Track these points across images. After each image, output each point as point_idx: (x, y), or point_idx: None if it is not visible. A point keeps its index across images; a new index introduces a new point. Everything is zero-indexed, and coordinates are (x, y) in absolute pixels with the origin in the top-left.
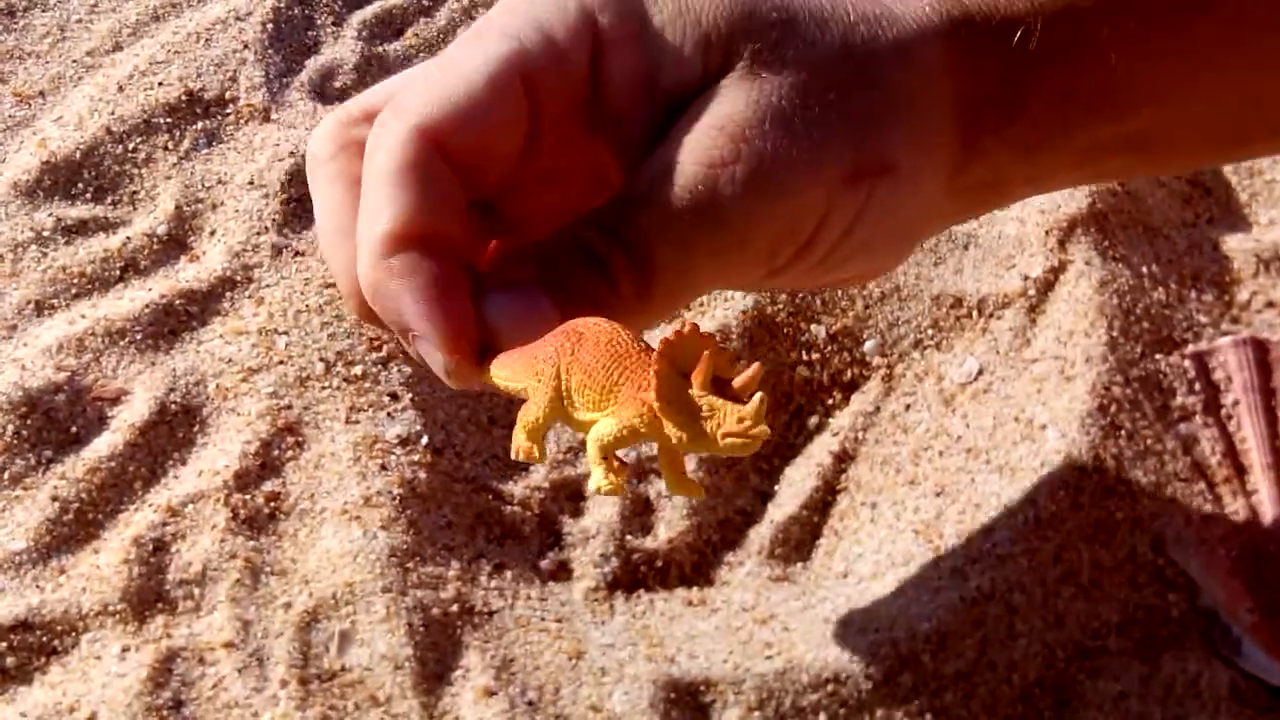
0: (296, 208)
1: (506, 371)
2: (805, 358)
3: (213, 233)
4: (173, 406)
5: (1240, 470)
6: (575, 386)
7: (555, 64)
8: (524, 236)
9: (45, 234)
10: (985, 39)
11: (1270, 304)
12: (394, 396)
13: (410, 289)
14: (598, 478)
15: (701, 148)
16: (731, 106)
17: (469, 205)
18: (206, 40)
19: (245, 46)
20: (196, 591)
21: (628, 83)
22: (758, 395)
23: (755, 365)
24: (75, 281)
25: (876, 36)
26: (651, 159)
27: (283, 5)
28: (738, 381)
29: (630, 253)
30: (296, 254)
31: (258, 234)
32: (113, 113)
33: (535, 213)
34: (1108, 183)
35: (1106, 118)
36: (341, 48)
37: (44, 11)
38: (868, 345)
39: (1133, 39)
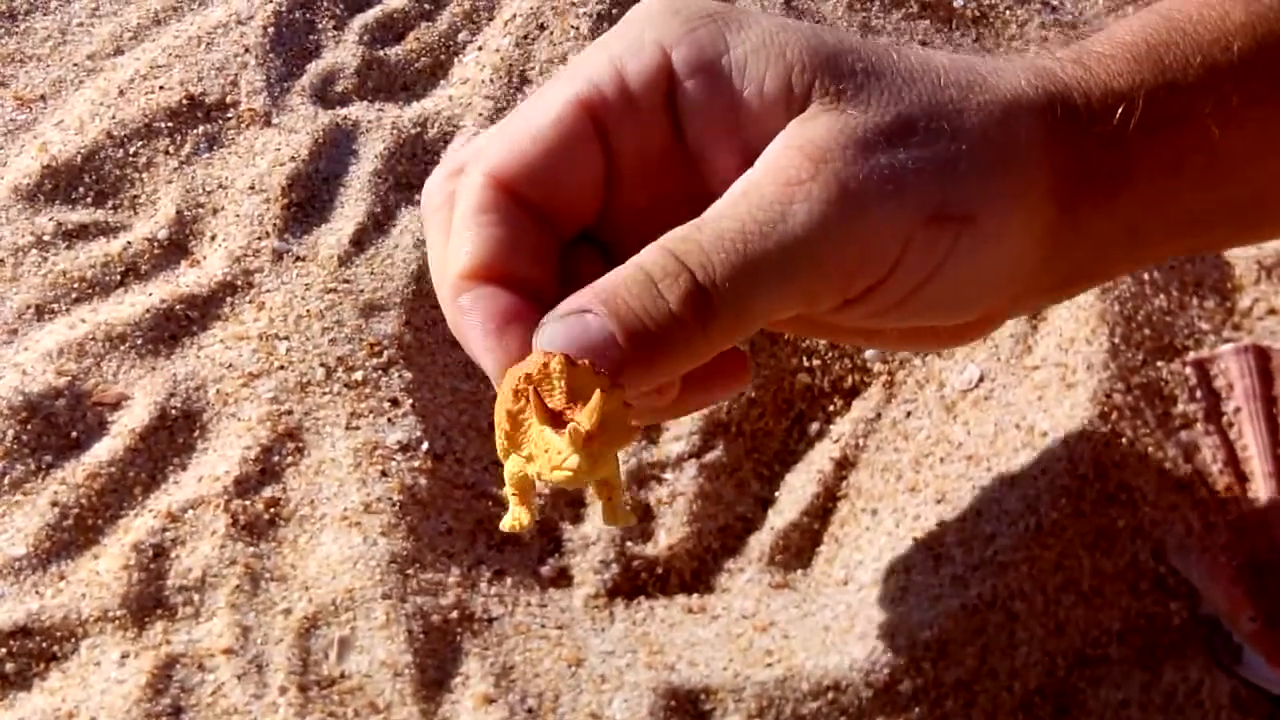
0: (297, 212)
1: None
2: (806, 364)
3: (213, 237)
4: (173, 412)
5: (1242, 478)
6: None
7: (625, 101)
8: None
9: (46, 238)
10: (1083, 117)
11: (1272, 311)
12: (394, 402)
13: (473, 324)
14: (508, 517)
15: (779, 167)
16: (814, 131)
17: (562, 243)
18: (208, 44)
19: (246, 50)
20: (196, 597)
21: (706, 116)
22: (568, 427)
23: (595, 396)
24: (75, 286)
25: (968, 99)
26: (732, 186)
27: (284, 9)
28: (571, 414)
29: (693, 273)
30: (297, 259)
31: (259, 239)
32: (114, 117)
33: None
34: (1206, 254)
35: (1210, 188)
36: (343, 52)
37: (45, 15)
38: (869, 351)
39: (1235, 111)
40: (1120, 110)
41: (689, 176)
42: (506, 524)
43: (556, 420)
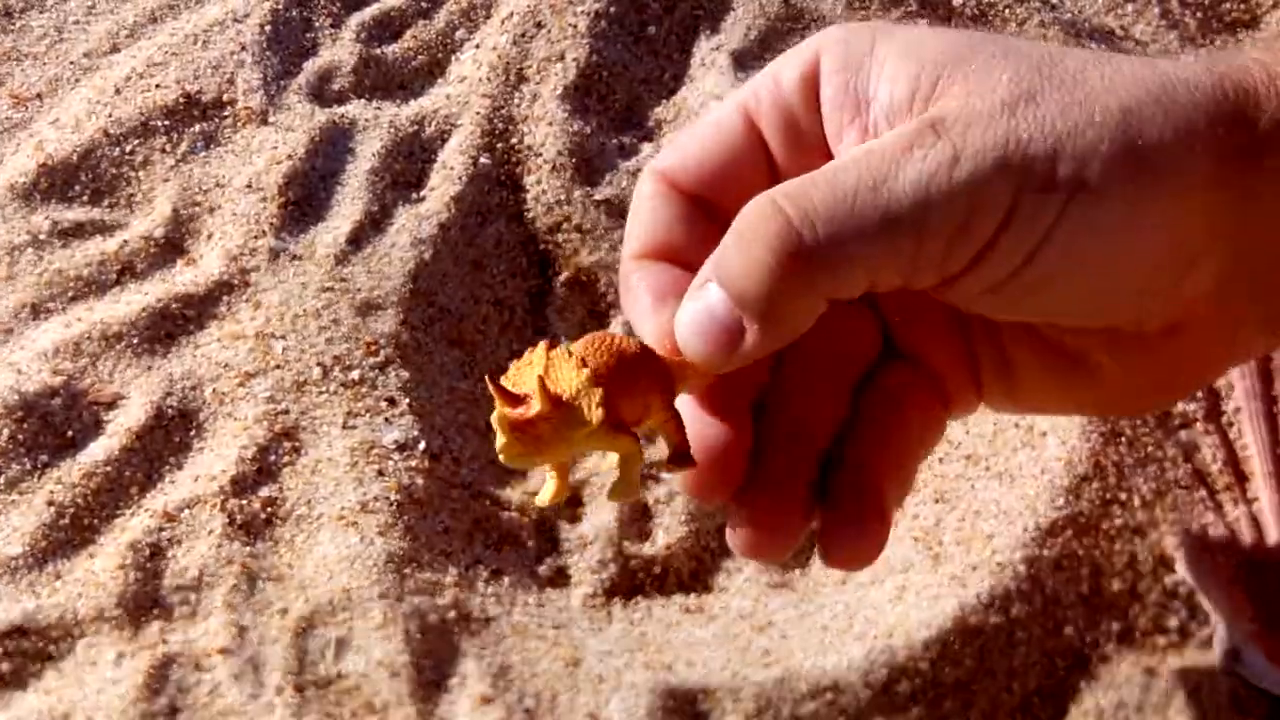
0: (294, 211)
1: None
2: None
3: (210, 236)
4: (169, 411)
5: (1241, 478)
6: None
7: (777, 102)
8: None
9: (41, 237)
10: (1265, 95)
11: None
12: (391, 402)
13: (637, 298)
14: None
15: (899, 134)
16: (937, 109)
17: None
18: (204, 42)
19: (243, 49)
20: (192, 597)
21: (842, 113)
22: (495, 413)
23: (536, 392)
24: (71, 285)
25: (1119, 73)
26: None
27: (280, 7)
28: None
29: (790, 219)
30: (294, 258)
31: (255, 237)
32: (110, 115)
33: None
34: None
35: None
36: (339, 50)
37: (41, 13)
38: None
39: None
40: None
41: None
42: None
43: (518, 401)
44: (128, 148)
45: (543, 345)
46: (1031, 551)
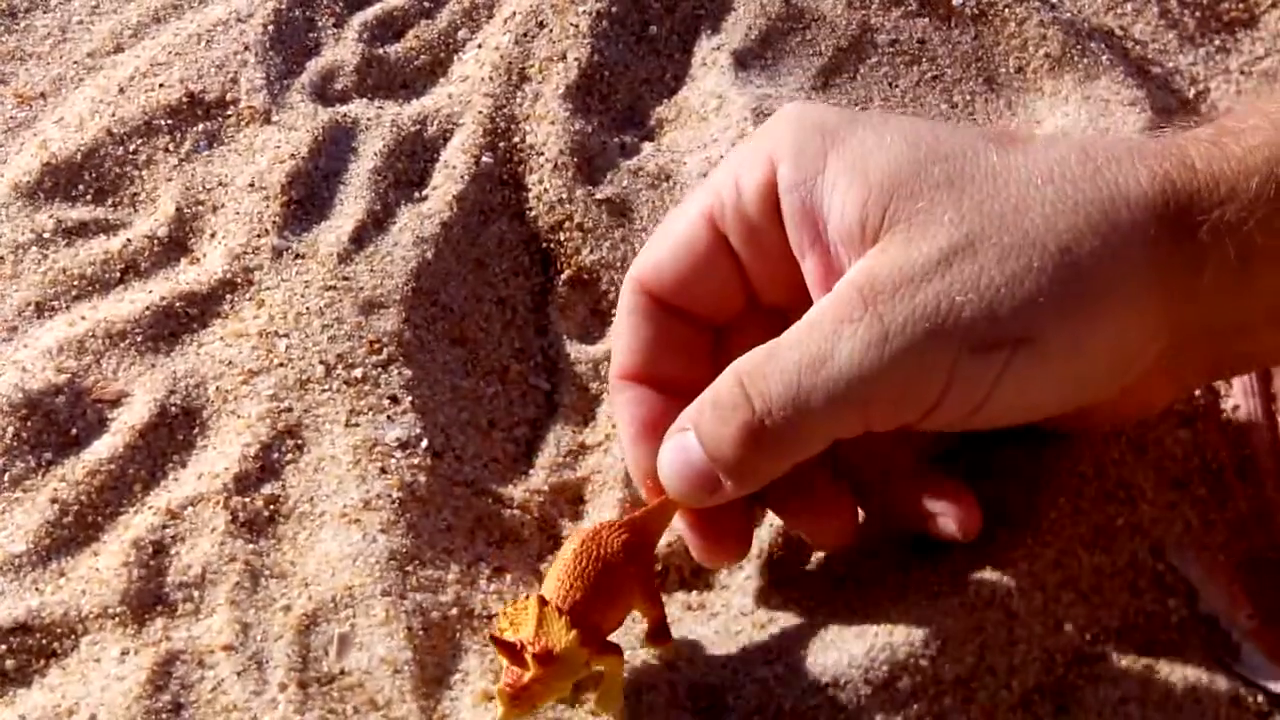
0: (297, 210)
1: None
2: None
3: (213, 235)
4: (173, 409)
5: (1240, 475)
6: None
7: (740, 212)
8: None
9: (46, 235)
10: (1208, 203)
11: None
12: (394, 399)
13: (621, 425)
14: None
15: (838, 303)
16: (876, 268)
17: (716, 333)
18: (207, 42)
19: (246, 48)
20: (196, 594)
21: (801, 230)
22: (499, 685)
23: (530, 668)
24: (76, 283)
25: (1060, 203)
26: (806, 314)
27: (284, 7)
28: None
29: (752, 405)
30: (297, 256)
31: (258, 236)
32: (113, 114)
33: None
34: None
35: None
36: (342, 49)
37: (45, 13)
38: None
39: None
40: (1254, 184)
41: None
42: None
43: (515, 655)
44: (131, 147)
45: (535, 598)
46: (1032, 549)
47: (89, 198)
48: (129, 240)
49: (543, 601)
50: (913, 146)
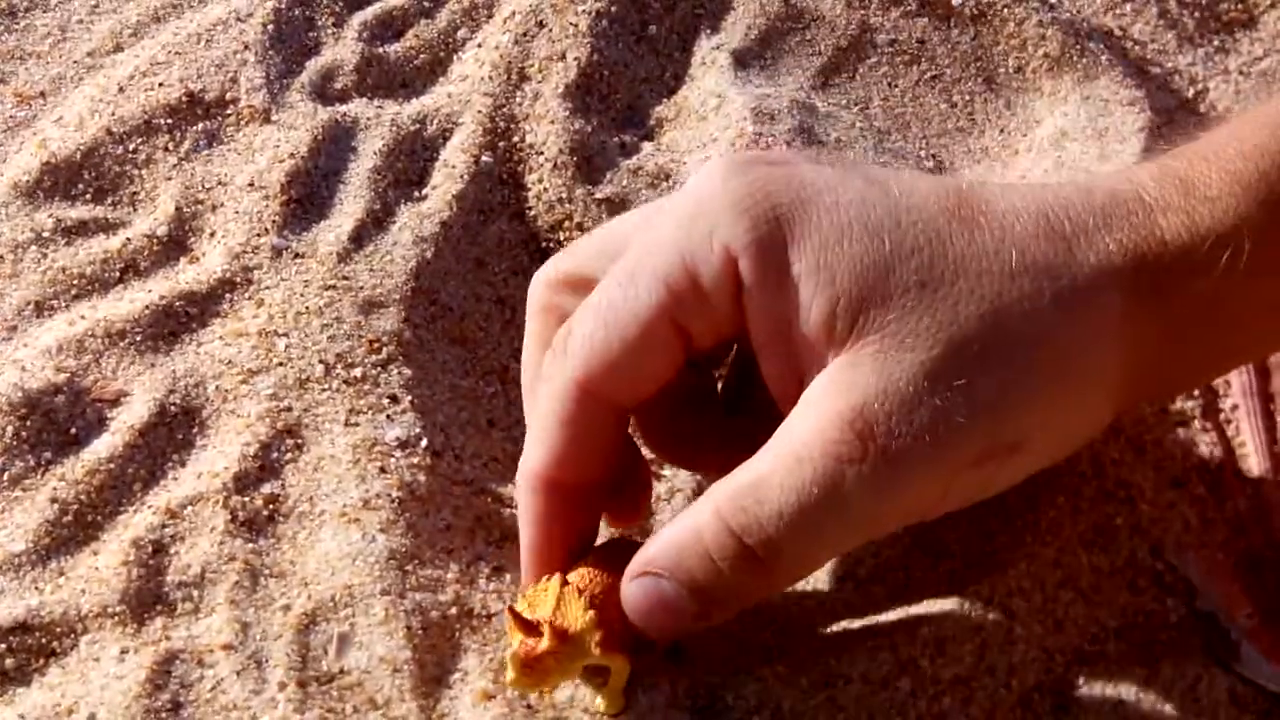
0: (296, 209)
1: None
2: None
3: (213, 234)
4: (172, 408)
5: (1239, 475)
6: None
7: (700, 302)
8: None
9: (45, 235)
10: (1177, 272)
11: None
12: (393, 399)
13: (526, 523)
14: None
15: (829, 440)
16: (860, 395)
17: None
18: (207, 41)
19: (246, 47)
20: (195, 594)
21: (763, 326)
22: (512, 649)
23: (545, 637)
24: (75, 283)
25: (1040, 293)
26: (782, 435)
27: (283, 6)
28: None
29: (753, 550)
30: (297, 255)
31: (258, 235)
32: (113, 113)
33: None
34: None
35: None
36: (342, 49)
37: (45, 12)
38: None
39: None
40: (1224, 257)
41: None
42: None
43: (530, 628)
44: (131, 146)
45: (557, 579)
46: (1031, 549)
47: (88, 197)
48: (128, 239)
49: (564, 582)
50: (875, 238)
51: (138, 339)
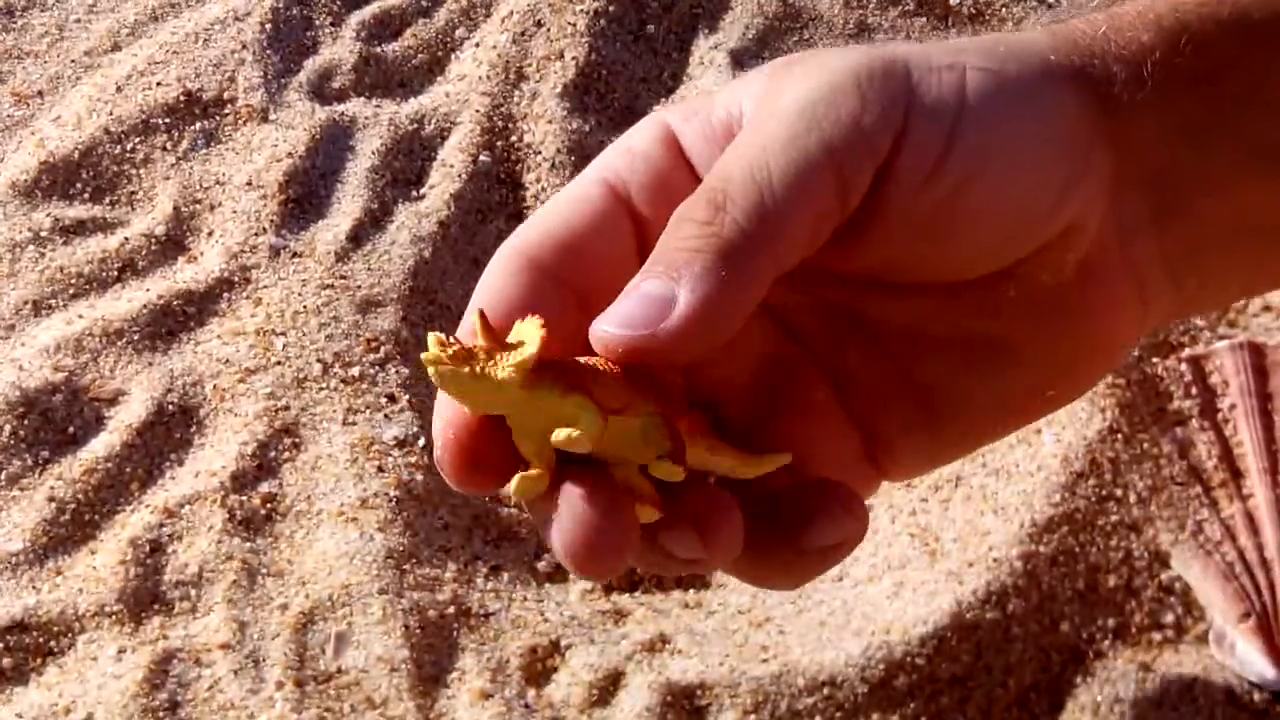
0: (294, 208)
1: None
2: None
3: (210, 233)
4: (170, 407)
5: (1236, 474)
6: None
7: (641, 165)
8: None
9: (43, 234)
10: (1112, 60)
11: (1267, 308)
12: (391, 398)
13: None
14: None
15: (753, 92)
16: (779, 65)
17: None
18: (205, 41)
19: (243, 47)
20: (193, 593)
21: (712, 145)
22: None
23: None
24: (73, 282)
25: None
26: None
27: (281, 5)
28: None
29: (726, 193)
30: (294, 255)
31: (255, 235)
32: (111, 113)
33: None
34: None
35: None
36: (340, 48)
37: (43, 11)
38: None
39: None
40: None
41: None
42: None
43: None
44: (129, 145)
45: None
46: (1028, 548)
47: (86, 196)
48: (126, 239)
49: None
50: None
51: (135, 338)
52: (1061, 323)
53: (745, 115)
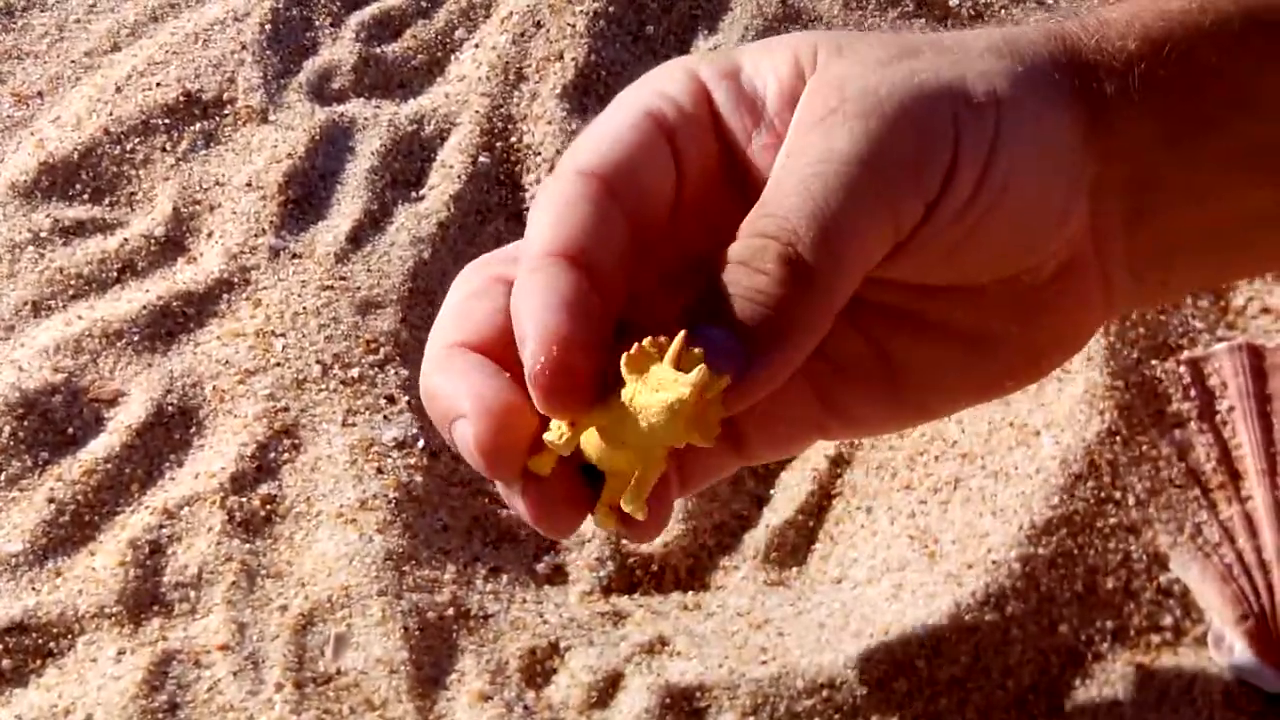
0: (294, 209)
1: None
2: None
3: (210, 234)
4: (169, 408)
5: (1235, 476)
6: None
7: (680, 113)
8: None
9: (42, 235)
10: (1099, 58)
11: (1266, 310)
12: (390, 399)
13: (537, 294)
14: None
15: (807, 116)
16: (826, 74)
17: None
18: (204, 41)
19: (243, 48)
20: (192, 594)
21: (741, 116)
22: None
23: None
24: (72, 283)
25: (971, 35)
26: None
27: (280, 6)
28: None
29: (777, 239)
30: (294, 256)
31: (255, 236)
32: (110, 114)
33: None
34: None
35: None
36: (339, 49)
37: (42, 11)
38: None
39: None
40: (1139, 57)
41: (739, 208)
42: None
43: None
44: (128, 146)
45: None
46: (1026, 550)
47: (86, 197)
48: (126, 240)
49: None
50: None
51: (135, 339)
52: (1036, 317)
53: (770, 98)
